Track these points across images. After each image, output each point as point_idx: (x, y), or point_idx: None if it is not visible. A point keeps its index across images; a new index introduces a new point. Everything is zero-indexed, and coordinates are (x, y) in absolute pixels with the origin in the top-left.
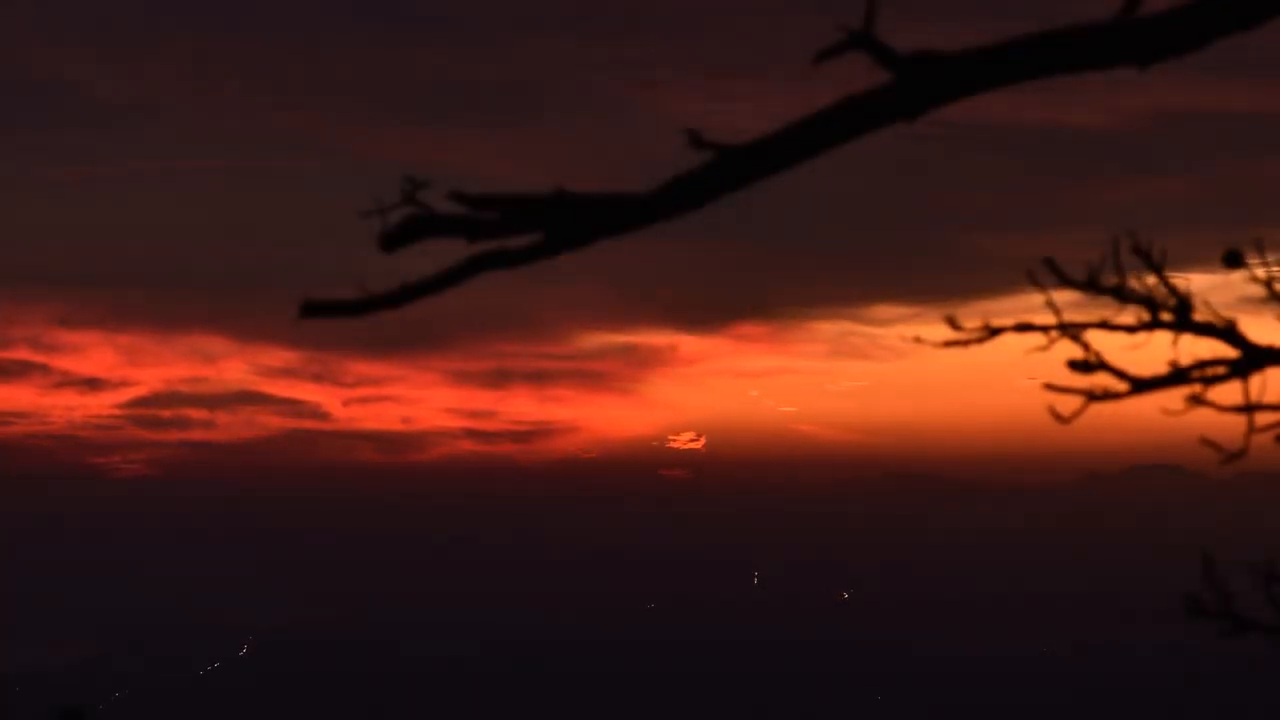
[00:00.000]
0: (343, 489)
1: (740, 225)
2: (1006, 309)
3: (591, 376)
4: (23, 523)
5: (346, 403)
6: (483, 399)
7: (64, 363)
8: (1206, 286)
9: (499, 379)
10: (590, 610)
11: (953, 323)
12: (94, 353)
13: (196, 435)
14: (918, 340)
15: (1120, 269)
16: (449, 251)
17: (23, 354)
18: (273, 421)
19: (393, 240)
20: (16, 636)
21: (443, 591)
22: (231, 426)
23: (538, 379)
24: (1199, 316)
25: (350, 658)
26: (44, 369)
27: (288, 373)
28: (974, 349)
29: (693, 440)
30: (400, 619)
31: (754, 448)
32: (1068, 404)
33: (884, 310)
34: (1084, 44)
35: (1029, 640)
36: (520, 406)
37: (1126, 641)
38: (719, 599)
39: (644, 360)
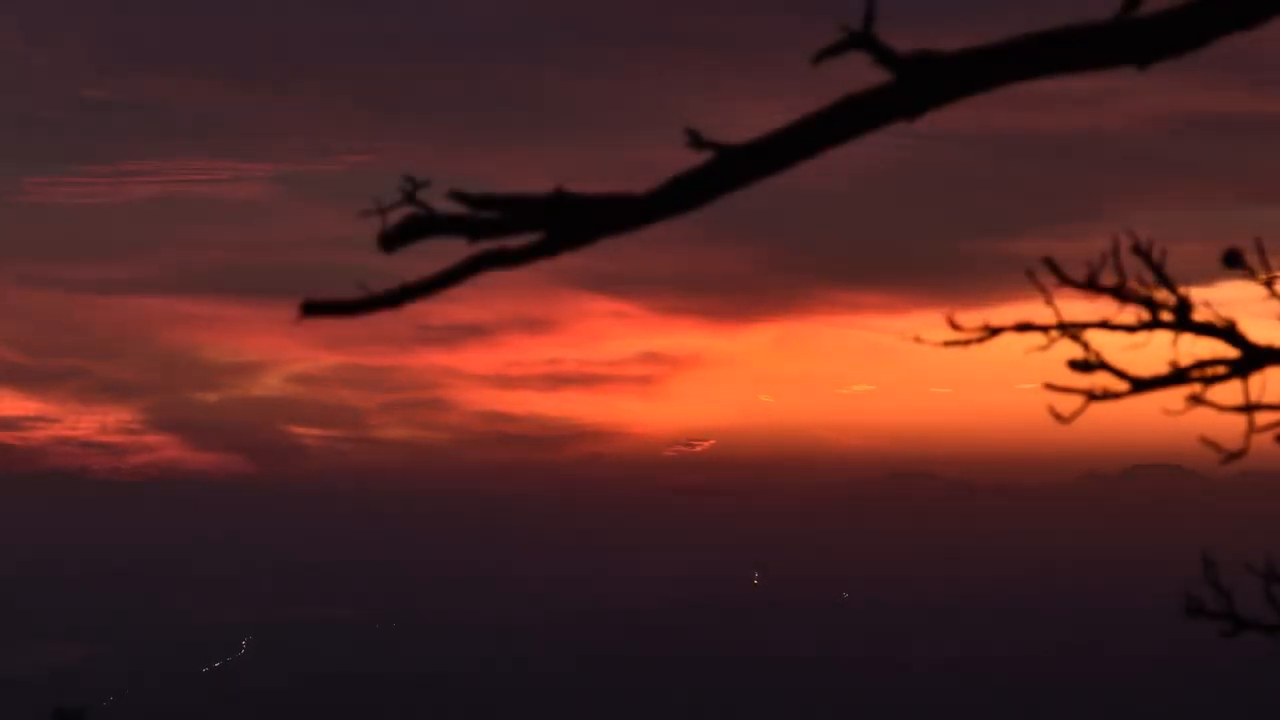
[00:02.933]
0: (353, 491)
1: (761, 235)
2: (1027, 316)
3: (614, 381)
4: (26, 523)
5: (381, 407)
6: (510, 403)
7: (105, 368)
8: (1236, 296)
9: (528, 385)
10: (591, 610)
11: (953, 323)
12: (135, 359)
13: (216, 440)
14: (918, 340)
15: (1120, 269)
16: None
17: (72, 361)
18: (300, 428)
19: (392, 240)
20: (17, 636)
21: (443, 591)
22: (256, 431)
23: (563, 384)
24: (1199, 316)
25: (351, 658)
26: (87, 374)
27: (321, 379)
28: (974, 348)
29: (700, 444)
30: (401, 619)
31: (761, 451)
32: (1068, 404)
33: (901, 317)
34: (1084, 44)
35: (1029, 640)
36: (542, 411)
37: (1126, 641)
38: (719, 599)
39: (667, 366)
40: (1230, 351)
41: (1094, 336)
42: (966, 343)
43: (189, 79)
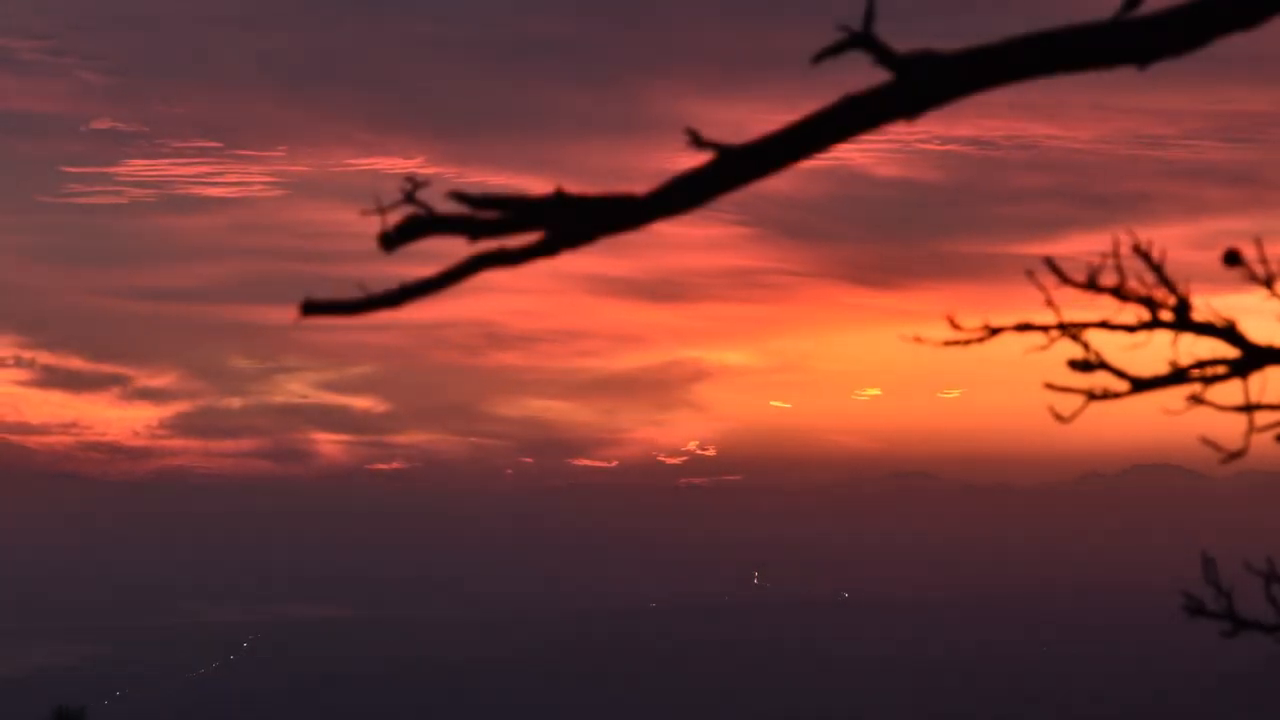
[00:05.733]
0: (362, 493)
1: (788, 239)
2: (1027, 316)
3: (639, 385)
4: (32, 524)
5: (404, 412)
6: (534, 408)
7: (145, 374)
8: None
9: (551, 390)
10: (592, 609)
11: (953, 322)
12: (174, 365)
13: (232, 445)
14: (918, 340)
15: (1120, 269)
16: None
17: (112, 368)
18: (319, 433)
19: (392, 240)
20: (16, 636)
21: (442, 592)
22: (273, 436)
23: (586, 389)
24: (1198, 316)
25: (351, 658)
26: (123, 380)
27: (349, 384)
28: (974, 348)
29: (704, 448)
30: (402, 619)
31: (766, 454)
32: (1068, 403)
33: (913, 323)
34: (1084, 44)
35: (1028, 640)
36: (561, 415)
37: (1126, 641)
38: (719, 599)
39: (690, 371)
40: (1230, 351)
41: (1094, 336)
42: (967, 342)
43: (234, 93)
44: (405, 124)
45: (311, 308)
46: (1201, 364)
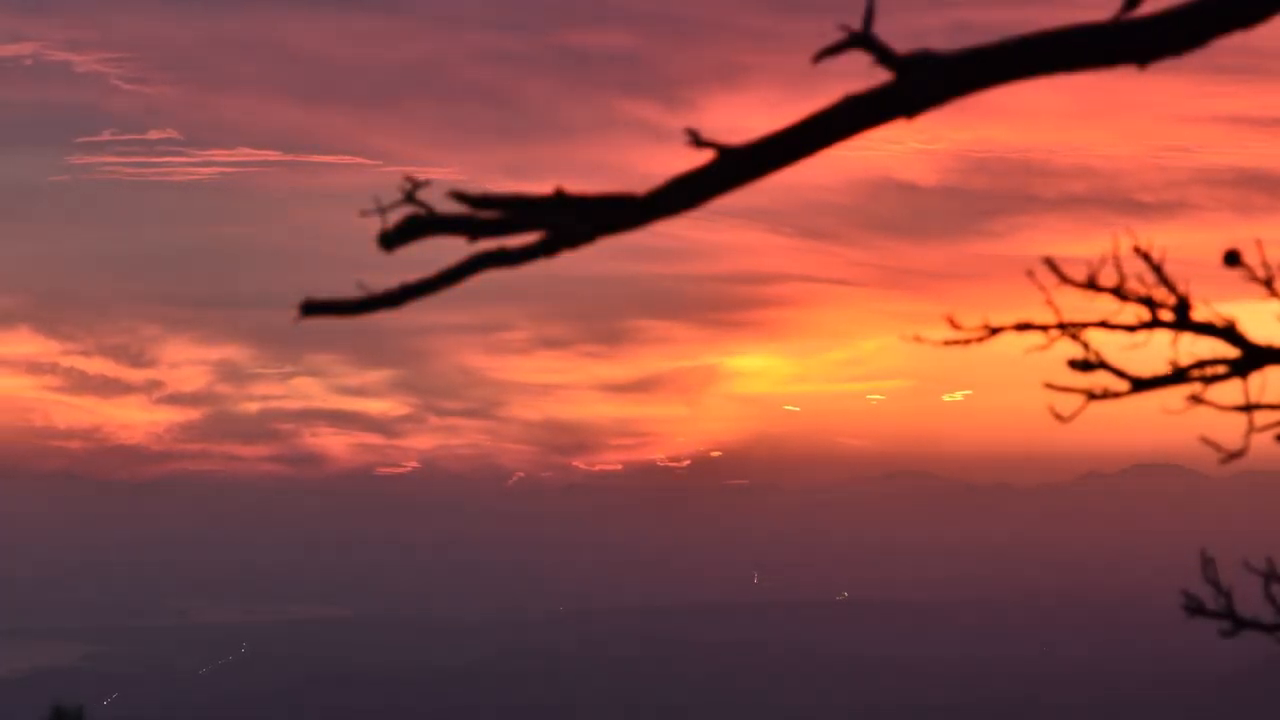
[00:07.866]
0: (366, 494)
1: (799, 249)
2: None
3: (652, 388)
4: (29, 523)
5: (416, 416)
6: (545, 410)
7: (172, 380)
8: None
9: (565, 396)
10: (592, 609)
11: (953, 322)
12: (199, 371)
13: (242, 448)
14: (918, 339)
15: (1120, 269)
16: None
17: (150, 373)
18: (330, 436)
19: (392, 240)
20: (16, 636)
21: (441, 592)
22: (282, 440)
23: (597, 392)
24: (1198, 316)
25: (351, 658)
26: (155, 386)
27: (367, 389)
28: (974, 347)
29: (711, 451)
30: (402, 618)
31: (770, 456)
32: (1068, 403)
33: (932, 326)
34: (1084, 43)
35: (1028, 640)
36: (572, 419)
37: (1126, 641)
38: (719, 599)
39: (700, 379)
40: (1230, 351)
41: (1094, 336)
42: (967, 342)
43: (287, 105)
44: (465, 135)
45: (311, 308)
46: (1201, 364)
